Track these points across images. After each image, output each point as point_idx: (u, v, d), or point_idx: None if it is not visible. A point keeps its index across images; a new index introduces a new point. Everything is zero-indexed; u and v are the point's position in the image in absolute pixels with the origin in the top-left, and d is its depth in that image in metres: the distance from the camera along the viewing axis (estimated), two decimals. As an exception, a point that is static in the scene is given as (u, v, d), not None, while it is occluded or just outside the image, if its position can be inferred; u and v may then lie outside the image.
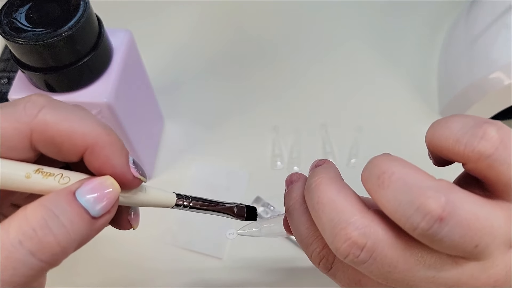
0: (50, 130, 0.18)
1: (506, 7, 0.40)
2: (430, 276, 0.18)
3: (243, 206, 0.25)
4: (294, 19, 0.53)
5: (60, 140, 0.18)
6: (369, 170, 0.19)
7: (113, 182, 0.18)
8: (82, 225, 0.17)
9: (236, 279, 0.36)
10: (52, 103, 0.18)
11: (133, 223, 0.22)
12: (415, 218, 0.17)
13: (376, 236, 0.18)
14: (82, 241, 0.17)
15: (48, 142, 0.18)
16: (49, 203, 0.16)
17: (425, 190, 0.17)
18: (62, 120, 0.18)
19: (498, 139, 0.17)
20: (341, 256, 0.19)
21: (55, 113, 0.18)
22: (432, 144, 0.19)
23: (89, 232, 0.17)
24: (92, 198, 0.17)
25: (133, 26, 0.36)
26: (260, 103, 0.46)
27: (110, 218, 0.18)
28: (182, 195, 0.23)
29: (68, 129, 0.18)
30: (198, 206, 0.23)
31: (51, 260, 0.16)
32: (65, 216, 0.16)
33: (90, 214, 0.17)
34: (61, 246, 0.16)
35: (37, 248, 0.16)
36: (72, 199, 0.17)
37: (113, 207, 0.18)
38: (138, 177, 0.19)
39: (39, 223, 0.16)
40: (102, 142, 0.18)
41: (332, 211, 0.19)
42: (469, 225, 0.16)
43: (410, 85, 0.47)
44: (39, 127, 0.18)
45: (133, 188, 0.20)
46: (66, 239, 0.16)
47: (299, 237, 0.22)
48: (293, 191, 0.23)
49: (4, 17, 0.27)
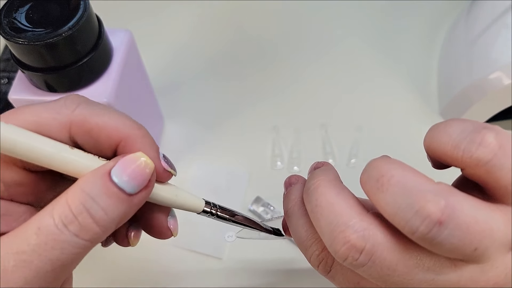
0: (88, 123, 0.19)
1: (506, 7, 0.40)
2: (429, 279, 0.18)
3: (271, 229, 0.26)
4: (294, 19, 0.53)
5: (97, 133, 0.19)
6: (368, 173, 0.19)
7: (146, 158, 0.19)
8: (120, 205, 0.18)
9: (236, 280, 0.36)
10: (89, 100, 0.20)
11: (173, 229, 0.23)
12: (414, 221, 0.17)
13: (375, 239, 0.18)
14: (122, 218, 0.18)
15: (85, 134, 0.19)
16: (86, 186, 0.17)
17: (424, 193, 0.17)
18: (98, 114, 0.19)
19: (497, 145, 0.17)
20: (340, 259, 0.19)
21: (91, 108, 0.19)
22: (430, 149, 0.19)
23: (128, 209, 0.18)
24: (127, 174, 0.18)
25: (133, 26, 0.36)
26: (260, 103, 0.46)
27: (147, 194, 0.19)
28: (211, 202, 0.23)
29: (104, 122, 0.19)
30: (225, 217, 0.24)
31: (93, 238, 0.17)
32: (102, 199, 0.17)
33: (126, 192, 0.18)
34: (101, 226, 0.17)
35: (79, 230, 0.17)
36: (108, 180, 0.18)
37: (150, 182, 0.19)
38: (168, 170, 0.20)
39: (78, 208, 0.17)
40: (134, 135, 0.19)
41: (330, 213, 0.19)
42: (468, 228, 0.16)
43: (410, 85, 0.47)
44: (78, 120, 0.19)
45: (164, 181, 0.21)
46: (105, 220, 0.17)
47: (298, 240, 0.22)
48: (292, 194, 0.23)
49: (4, 17, 0.27)
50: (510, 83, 0.37)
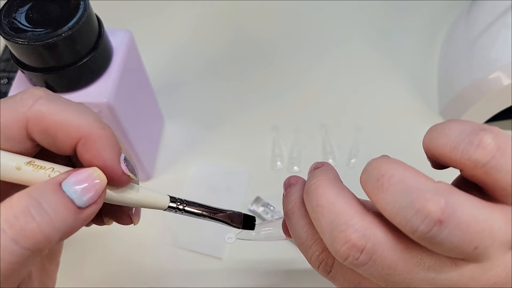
0: (45, 120, 0.18)
1: (506, 7, 0.40)
2: (430, 278, 0.18)
3: (241, 214, 0.25)
4: (294, 19, 0.53)
5: (55, 130, 0.18)
6: (368, 173, 0.19)
7: (99, 174, 0.18)
8: (67, 215, 0.17)
9: (236, 280, 0.36)
10: (49, 95, 0.19)
11: (134, 218, 0.23)
12: (414, 220, 0.17)
13: (376, 238, 0.18)
14: (67, 231, 0.17)
15: (43, 132, 0.18)
16: (34, 192, 0.17)
17: (425, 192, 0.17)
18: (58, 111, 0.18)
19: (495, 147, 0.17)
20: (340, 258, 0.19)
21: (50, 104, 0.18)
22: (429, 150, 0.19)
23: (75, 222, 0.17)
24: (78, 188, 0.17)
25: (133, 26, 0.36)
26: (260, 103, 0.46)
27: (96, 209, 0.18)
28: (176, 198, 0.22)
29: (63, 119, 0.18)
30: (193, 211, 0.23)
31: (34, 247, 0.16)
32: (49, 204, 0.17)
33: (75, 204, 0.17)
34: (44, 234, 0.16)
35: (19, 235, 0.16)
36: (58, 189, 0.17)
37: (100, 198, 0.18)
38: (127, 174, 0.19)
39: (22, 210, 0.16)
40: (95, 135, 0.18)
41: (331, 213, 0.19)
42: (469, 227, 0.16)
43: (410, 85, 0.47)
44: (34, 117, 0.18)
45: (123, 185, 0.20)
46: (49, 227, 0.16)
47: (298, 241, 0.22)
48: (292, 194, 0.23)
49: (4, 17, 0.27)
50: (510, 83, 0.37)
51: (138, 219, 0.23)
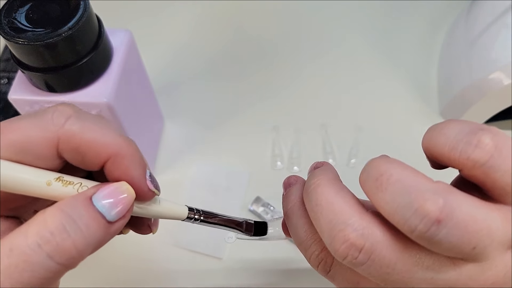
0: (76, 139, 0.18)
1: (506, 7, 0.40)
2: (429, 278, 0.18)
3: (252, 222, 0.26)
4: (294, 19, 0.53)
5: (85, 149, 0.19)
6: (367, 172, 0.19)
7: (128, 188, 0.19)
8: (98, 230, 0.17)
9: (236, 279, 0.36)
10: (78, 113, 0.19)
11: (153, 228, 0.23)
12: (413, 220, 0.17)
13: (374, 237, 0.18)
14: (97, 244, 0.18)
15: (73, 151, 0.19)
16: (67, 207, 0.17)
17: (423, 192, 0.17)
18: (88, 130, 0.19)
19: (493, 147, 0.17)
20: (339, 257, 0.19)
21: (81, 123, 0.19)
22: (428, 150, 0.20)
23: (105, 236, 0.18)
24: (108, 203, 0.18)
25: (133, 26, 0.36)
26: (260, 103, 0.46)
27: (124, 222, 0.19)
28: (193, 208, 0.23)
29: (93, 139, 0.19)
30: (209, 220, 0.24)
31: (68, 263, 0.17)
32: (82, 220, 0.17)
33: (106, 218, 0.18)
34: (78, 250, 0.17)
35: (55, 251, 0.16)
36: (89, 204, 0.17)
37: (128, 212, 0.19)
38: (152, 190, 0.20)
39: (57, 227, 0.16)
40: (123, 152, 0.19)
41: (330, 213, 0.19)
42: (467, 227, 0.16)
43: (410, 85, 0.47)
44: (65, 136, 0.18)
45: (147, 200, 0.20)
46: (82, 243, 0.17)
47: (297, 240, 0.22)
48: (291, 194, 0.23)
49: (4, 17, 0.27)
50: (510, 83, 0.37)
51: (156, 228, 0.24)
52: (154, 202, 0.21)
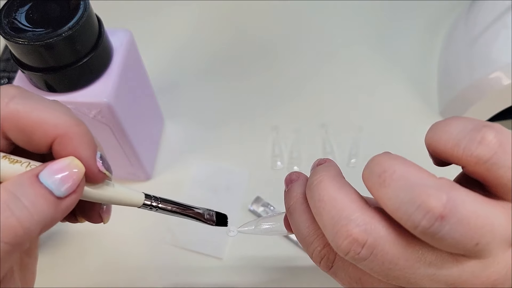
0: (21, 119, 0.18)
1: (506, 7, 0.40)
2: (431, 274, 0.18)
3: (213, 212, 0.25)
4: (294, 20, 0.53)
5: (31, 129, 0.18)
6: (370, 169, 0.19)
7: (77, 163, 0.18)
8: (46, 206, 0.17)
9: (236, 279, 0.36)
10: (24, 93, 0.19)
11: (104, 217, 0.23)
12: (416, 216, 0.17)
13: (377, 233, 0.18)
14: (47, 222, 0.17)
15: (18, 131, 0.18)
16: (11, 186, 0.17)
17: (426, 188, 0.17)
18: (33, 109, 0.18)
19: (497, 143, 0.17)
20: (342, 253, 0.19)
21: (26, 103, 0.18)
22: (431, 147, 0.19)
23: (55, 214, 0.17)
24: (56, 178, 0.17)
25: (133, 26, 0.36)
26: (260, 103, 0.46)
27: (76, 198, 0.18)
28: (151, 195, 0.23)
29: (38, 118, 0.18)
30: (167, 208, 0.23)
31: (15, 241, 0.16)
32: (27, 198, 0.16)
33: (54, 194, 0.17)
34: (24, 228, 0.16)
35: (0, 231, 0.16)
36: (35, 181, 0.17)
37: (79, 187, 0.18)
38: (103, 171, 0.19)
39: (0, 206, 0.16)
40: (71, 133, 0.18)
41: (333, 208, 0.19)
42: (470, 224, 0.16)
43: (410, 85, 0.47)
44: (10, 116, 0.18)
45: (98, 182, 0.20)
46: (28, 220, 0.16)
47: (300, 236, 0.22)
48: (293, 190, 0.23)
49: (4, 17, 0.27)
50: (510, 83, 0.37)
51: (108, 217, 0.23)
52: (107, 185, 0.20)
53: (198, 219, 0.25)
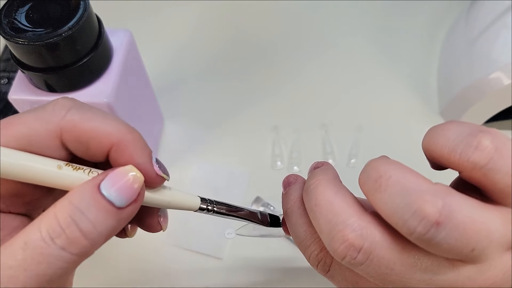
0: (78, 128, 0.19)
1: (506, 7, 0.40)
2: (427, 279, 0.18)
3: (265, 213, 0.26)
4: (293, 19, 0.53)
5: (87, 139, 0.19)
6: (366, 173, 0.19)
7: (136, 172, 0.19)
8: (108, 218, 0.17)
9: (236, 278, 0.36)
10: (78, 104, 0.19)
11: (163, 224, 0.23)
12: (412, 222, 0.17)
13: (373, 238, 0.18)
14: (111, 232, 0.18)
15: (76, 141, 0.19)
16: (75, 199, 0.17)
17: (422, 194, 0.17)
18: (89, 119, 0.19)
19: (493, 149, 0.17)
20: (338, 257, 0.19)
21: (81, 114, 0.19)
22: (428, 151, 0.20)
23: (117, 223, 0.18)
24: (116, 189, 0.18)
25: (133, 26, 0.36)
26: (260, 103, 0.46)
27: (136, 207, 0.19)
28: (206, 199, 0.23)
29: (94, 127, 0.19)
30: (222, 211, 0.23)
31: (81, 252, 0.17)
32: (90, 212, 0.17)
33: (115, 205, 0.18)
34: (89, 239, 0.17)
35: (67, 243, 0.17)
36: (97, 193, 0.17)
37: (139, 196, 0.18)
38: (161, 175, 0.20)
39: (65, 220, 0.17)
40: (126, 140, 0.19)
41: (329, 212, 0.19)
42: (466, 229, 0.16)
43: (410, 85, 0.47)
44: (68, 127, 0.19)
45: (156, 186, 0.20)
46: (93, 232, 0.17)
47: (297, 239, 0.22)
48: (291, 194, 0.23)
49: (4, 17, 0.27)
50: (510, 83, 0.37)
51: (166, 224, 0.23)
52: (165, 190, 0.21)
53: (252, 221, 0.25)
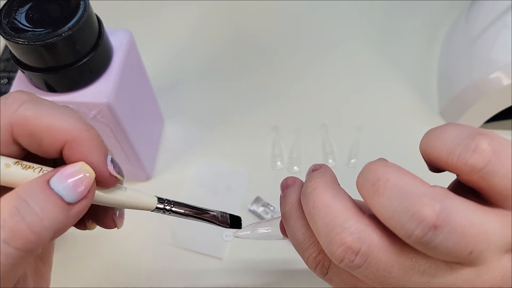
0: (30, 124, 0.18)
1: (506, 7, 0.40)
2: (425, 281, 0.18)
3: (227, 214, 0.25)
4: (294, 19, 0.53)
5: (40, 134, 0.18)
6: (364, 176, 0.19)
7: (87, 168, 0.18)
8: (57, 212, 0.17)
9: (236, 279, 0.36)
10: (33, 99, 0.19)
11: (118, 222, 0.23)
12: (409, 225, 0.17)
13: (371, 241, 0.18)
14: (58, 228, 0.17)
15: (28, 136, 0.18)
16: (22, 192, 0.17)
17: (420, 197, 0.17)
18: (42, 115, 0.18)
19: (491, 152, 0.17)
20: (336, 260, 0.19)
21: (35, 108, 0.18)
22: (426, 154, 0.19)
23: (66, 219, 0.17)
24: (66, 184, 0.17)
25: (133, 26, 0.36)
26: (260, 103, 0.46)
27: (87, 204, 0.18)
28: (164, 199, 0.22)
29: (47, 123, 0.18)
30: (180, 211, 0.23)
31: (26, 247, 0.16)
32: (37, 203, 0.17)
33: (64, 200, 0.17)
34: (35, 233, 0.16)
35: (10, 236, 0.16)
36: (46, 187, 0.17)
37: (90, 192, 0.18)
38: (114, 175, 0.19)
39: (10, 212, 0.16)
40: (81, 137, 0.18)
41: (327, 215, 0.19)
42: (464, 232, 0.16)
43: (410, 85, 0.47)
44: (19, 121, 0.18)
45: (110, 186, 0.20)
46: (38, 226, 0.16)
47: (295, 242, 0.22)
48: (289, 196, 0.23)
49: (4, 17, 0.27)
50: (510, 83, 0.37)
51: (122, 222, 0.23)
52: (119, 189, 0.20)
53: (212, 222, 0.25)
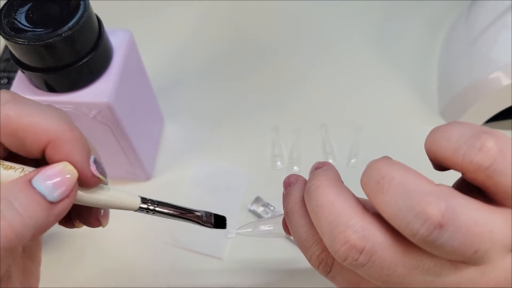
0: (13, 123, 0.18)
1: (506, 7, 0.40)
2: (429, 280, 0.18)
3: (211, 214, 0.25)
4: (294, 20, 0.53)
5: (22, 134, 0.18)
6: (368, 174, 0.19)
7: (70, 168, 0.18)
8: (38, 211, 0.17)
9: (236, 279, 0.36)
10: (17, 99, 0.19)
11: (102, 220, 0.23)
12: (414, 224, 0.17)
13: (375, 239, 0.18)
14: (40, 227, 0.17)
15: (11, 136, 0.18)
16: (3, 191, 0.17)
17: (425, 195, 0.17)
18: (25, 114, 0.18)
19: (497, 150, 0.17)
20: (340, 259, 0.19)
21: (18, 108, 0.18)
22: (431, 152, 0.19)
23: (47, 218, 0.17)
24: (49, 183, 0.17)
25: (133, 26, 0.36)
26: (260, 103, 0.46)
27: (69, 203, 0.18)
28: (147, 199, 0.22)
29: (30, 123, 0.18)
30: (164, 211, 0.23)
31: (7, 245, 0.16)
32: (19, 202, 0.17)
33: (47, 199, 0.17)
34: (16, 231, 0.16)
35: None
36: (27, 186, 0.17)
37: (72, 191, 0.18)
38: (97, 176, 0.19)
39: None
40: (63, 137, 0.18)
41: (331, 213, 0.19)
42: (469, 231, 0.16)
43: (410, 85, 0.47)
44: (1, 121, 0.18)
45: (92, 187, 0.20)
46: (20, 224, 0.16)
47: (298, 240, 0.22)
48: (292, 194, 0.23)
49: (4, 17, 0.27)
50: (510, 83, 0.37)
51: (106, 221, 0.23)
52: (102, 190, 0.20)
53: (196, 222, 0.25)
